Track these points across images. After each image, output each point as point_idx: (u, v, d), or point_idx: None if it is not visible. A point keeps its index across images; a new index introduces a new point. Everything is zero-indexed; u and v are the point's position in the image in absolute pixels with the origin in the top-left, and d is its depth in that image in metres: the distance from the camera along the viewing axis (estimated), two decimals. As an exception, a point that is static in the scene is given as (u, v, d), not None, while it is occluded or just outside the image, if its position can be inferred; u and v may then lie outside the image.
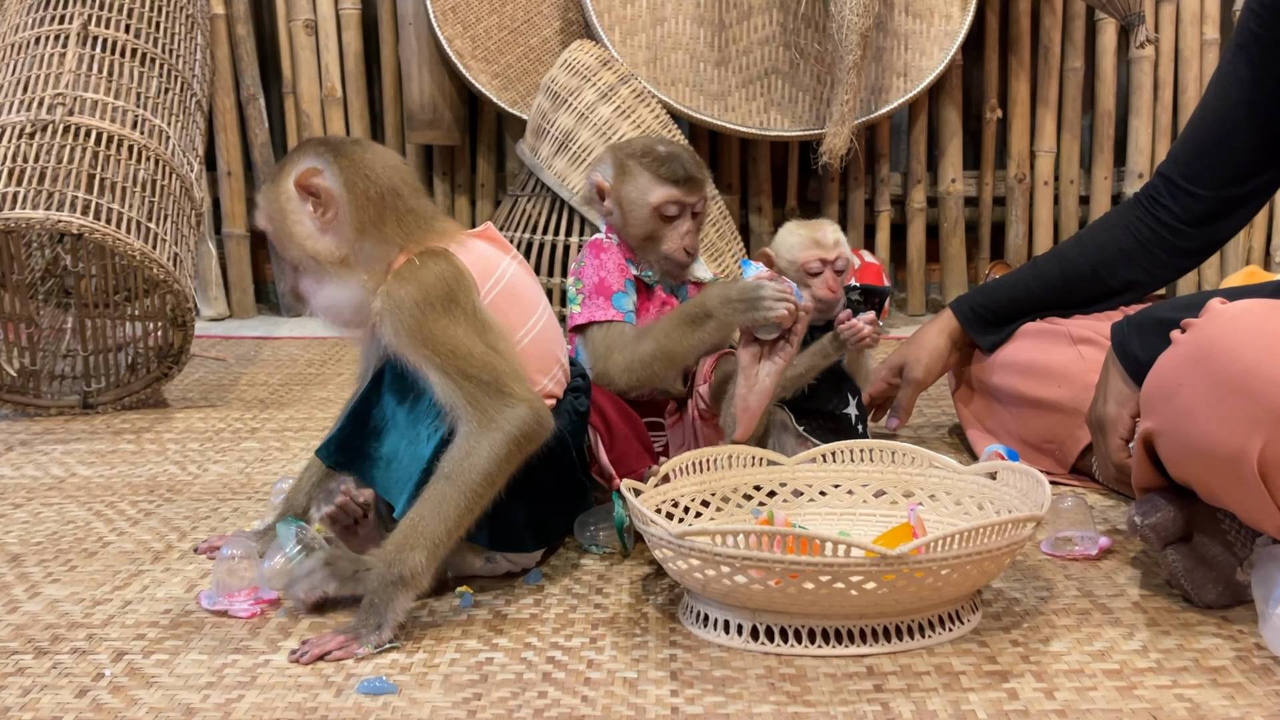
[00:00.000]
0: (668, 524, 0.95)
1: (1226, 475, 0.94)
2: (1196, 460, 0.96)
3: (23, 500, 1.42)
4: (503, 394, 1.02)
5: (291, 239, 1.07)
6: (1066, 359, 1.45)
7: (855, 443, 1.19)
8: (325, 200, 1.06)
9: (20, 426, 1.78)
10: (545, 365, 1.12)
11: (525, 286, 1.13)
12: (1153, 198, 1.48)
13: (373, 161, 1.08)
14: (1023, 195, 2.73)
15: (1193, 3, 2.64)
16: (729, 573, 0.90)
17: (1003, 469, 1.12)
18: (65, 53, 1.90)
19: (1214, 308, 0.97)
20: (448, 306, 1.03)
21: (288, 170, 1.08)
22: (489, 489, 1.01)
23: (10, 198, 1.67)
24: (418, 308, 1.02)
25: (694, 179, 1.31)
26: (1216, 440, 0.92)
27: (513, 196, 2.34)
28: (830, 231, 1.38)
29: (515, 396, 1.02)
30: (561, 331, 1.18)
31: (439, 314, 1.02)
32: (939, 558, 0.91)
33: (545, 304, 1.15)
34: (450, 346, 1.01)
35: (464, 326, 1.03)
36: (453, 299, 1.03)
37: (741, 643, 0.95)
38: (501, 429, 1.01)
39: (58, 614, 1.07)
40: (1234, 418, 0.91)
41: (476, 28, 2.57)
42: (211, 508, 1.38)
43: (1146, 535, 1.05)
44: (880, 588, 0.90)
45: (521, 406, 1.02)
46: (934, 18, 2.53)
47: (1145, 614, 1.04)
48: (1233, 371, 0.91)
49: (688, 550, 0.91)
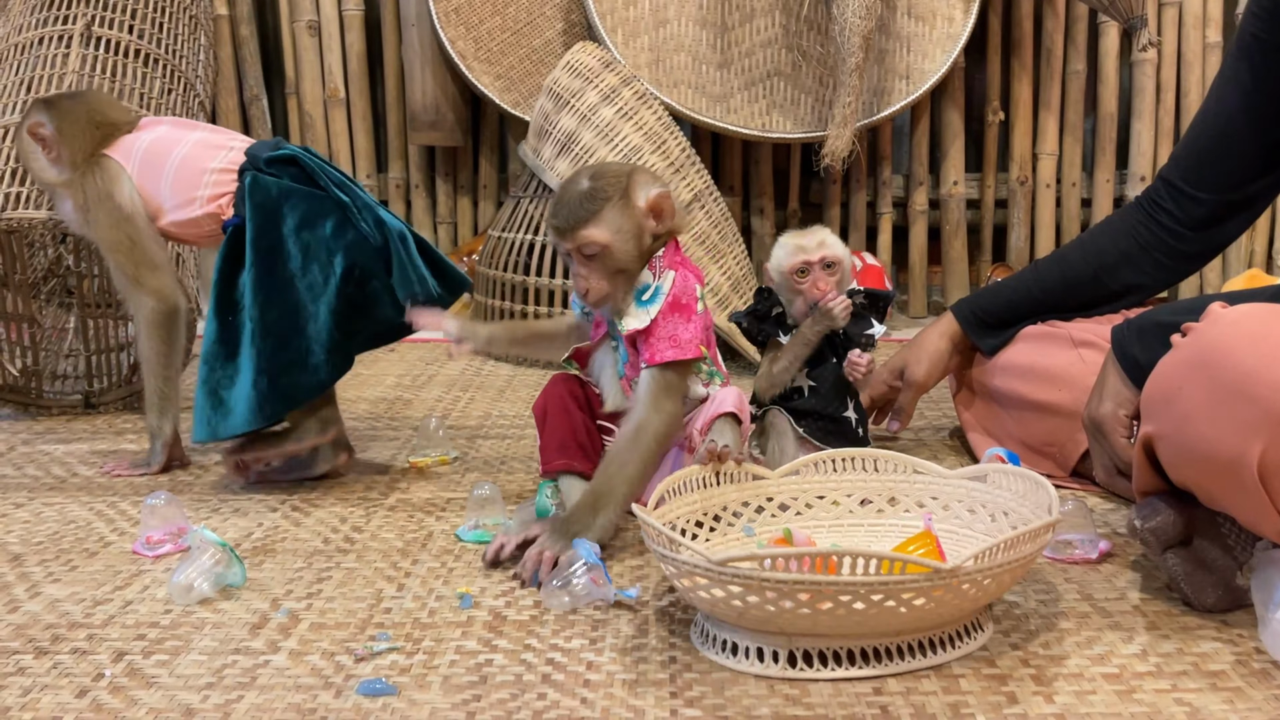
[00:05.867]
0: (702, 549, 0.91)
1: (1226, 479, 0.94)
2: (1196, 464, 0.96)
3: (24, 500, 1.42)
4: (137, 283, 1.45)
5: (33, 174, 1.53)
6: (1067, 362, 1.45)
7: (837, 452, 1.18)
8: (50, 143, 1.46)
9: (22, 426, 1.78)
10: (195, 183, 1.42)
11: (164, 138, 1.45)
12: (1154, 201, 1.48)
13: (76, 108, 1.46)
14: (1025, 198, 2.72)
15: (1195, 6, 2.64)
16: (775, 598, 0.87)
17: (992, 471, 1.12)
18: (69, 53, 1.90)
19: (1214, 312, 0.97)
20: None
21: (24, 125, 1.48)
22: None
23: (14, 198, 1.68)
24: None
25: (558, 228, 1.21)
26: (1216, 445, 0.92)
27: (515, 198, 2.34)
28: (815, 234, 1.37)
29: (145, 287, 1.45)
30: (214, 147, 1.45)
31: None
32: (986, 568, 0.90)
33: (191, 136, 1.46)
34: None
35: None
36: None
37: (763, 669, 0.92)
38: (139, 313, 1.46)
39: (58, 614, 1.08)
40: (1234, 422, 0.91)
41: (479, 29, 2.57)
42: (213, 508, 1.39)
43: (1146, 539, 1.05)
44: (929, 602, 0.89)
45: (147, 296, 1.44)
46: (936, 20, 2.53)
47: (1145, 618, 1.04)
48: (1232, 376, 0.91)
49: (730, 577, 0.87)
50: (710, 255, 2.21)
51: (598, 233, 1.20)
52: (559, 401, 1.28)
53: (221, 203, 1.41)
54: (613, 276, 1.22)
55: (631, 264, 1.23)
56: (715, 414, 1.23)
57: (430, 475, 1.51)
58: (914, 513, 1.14)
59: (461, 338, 1.30)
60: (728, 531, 1.11)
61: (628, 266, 1.22)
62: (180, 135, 1.44)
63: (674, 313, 1.23)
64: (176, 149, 1.41)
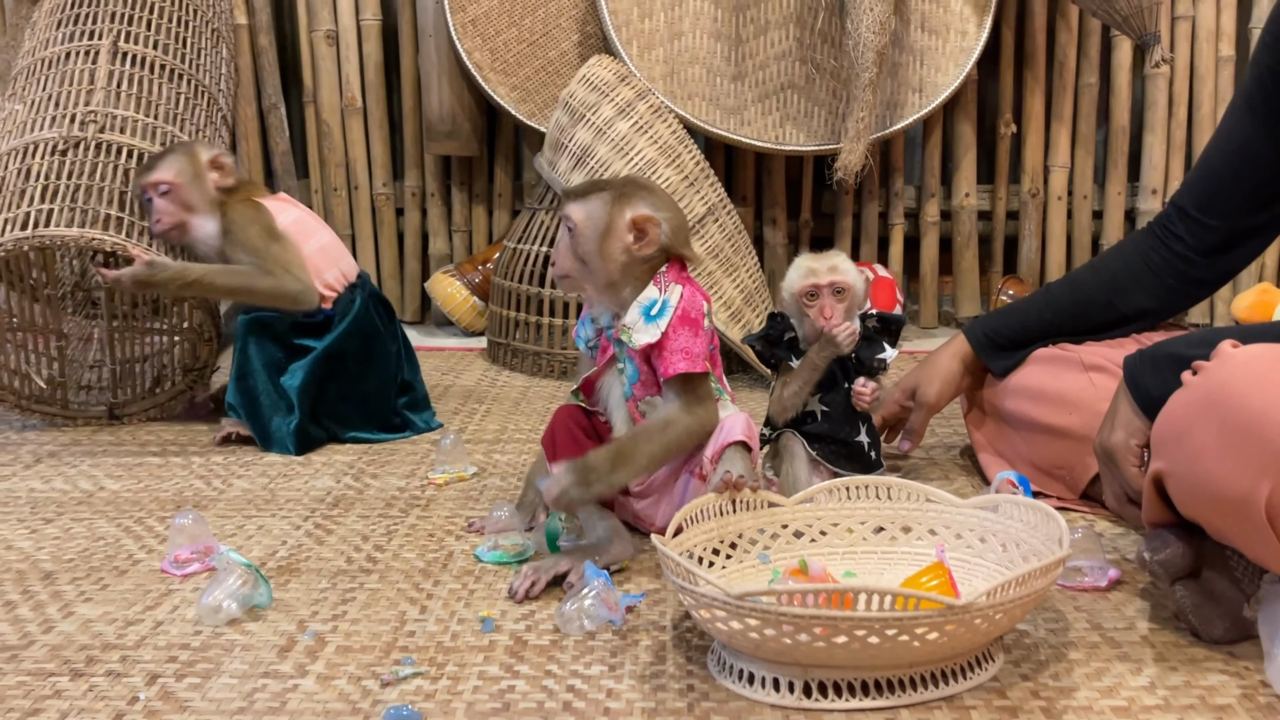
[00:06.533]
0: (721, 582, 0.93)
1: (1234, 517, 0.96)
2: (1205, 502, 0.98)
3: (53, 515, 1.45)
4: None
5: (185, 191, 1.78)
6: (1078, 386, 1.47)
7: (851, 480, 1.20)
8: (227, 173, 1.80)
9: (48, 437, 1.81)
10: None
11: (304, 223, 1.82)
12: (1166, 227, 1.50)
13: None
14: (1036, 210, 2.74)
15: (1208, 20, 2.65)
16: (791, 631, 0.89)
17: (1004, 502, 1.14)
18: (95, 69, 1.93)
19: (1225, 351, 0.99)
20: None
21: (201, 151, 1.81)
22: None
23: (45, 215, 1.71)
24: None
25: (564, 193, 1.33)
26: (1225, 484, 0.94)
27: (530, 209, 2.36)
28: (828, 259, 1.39)
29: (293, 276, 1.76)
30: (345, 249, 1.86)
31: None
32: (998, 603, 0.92)
33: (325, 235, 1.84)
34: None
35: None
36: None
37: (779, 698, 0.94)
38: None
39: (91, 634, 1.11)
40: (1242, 462, 0.93)
41: (496, 40, 2.59)
42: (238, 525, 1.42)
43: (1155, 571, 1.07)
44: (941, 636, 0.91)
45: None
46: (950, 34, 2.55)
47: (1153, 648, 1.06)
48: (1242, 417, 0.93)
49: (747, 611, 0.90)
50: (723, 268, 2.22)
51: (575, 210, 1.28)
52: (566, 431, 1.30)
53: (327, 295, 1.78)
54: (576, 263, 1.28)
55: (593, 260, 1.27)
56: (725, 442, 1.26)
57: (449, 492, 1.54)
58: (926, 540, 1.16)
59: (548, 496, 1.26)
60: (744, 559, 1.13)
61: (588, 260, 1.27)
62: (316, 227, 1.82)
63: (684, 326, 1.26)
64: (314, 239, 1.79)
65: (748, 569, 1.12)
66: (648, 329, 1.26)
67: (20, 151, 1.81)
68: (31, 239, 1.68)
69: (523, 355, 2.31)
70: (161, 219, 1.74)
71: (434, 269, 2.78)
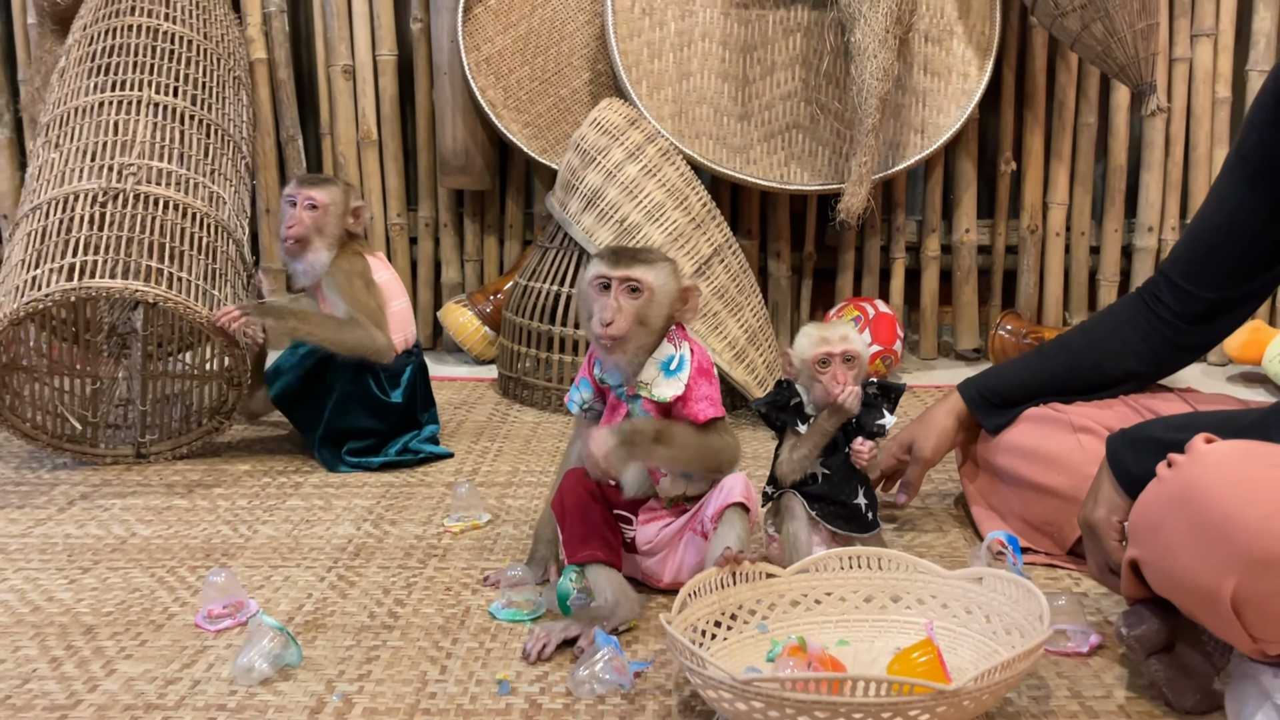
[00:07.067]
0: (730, 668, 1.00)
1: (1203, 605, 1.03)
2: (1176, 589, 1.06)
3: (89, 564, 1.53)
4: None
5: (318, 230, 1.92)
6: (1067, 447, 1.53)
7: (844, 551, 1.27)
8: (360, 221, 1.97)
9: (79, 477, 1.89)
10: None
11: (391, 285, 1.98)
12: (1154, 294, 1.57)
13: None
14: (1034, 245, 2.80)
15: (1205, 62, 2.71)
16: (793, 714, 0.96)
17: (988, 575, 1.21)
18: (130, 120, 2.00)
19: (1198, 448, 1.05)
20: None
21: (343, 199, 1.96)
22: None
23: (90, 266, 1.78)
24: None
25: (614, 258, 1.35)
26: (1194, 577, 1.01)
27: (541, 248, 2.43)
28: (838, 329, 1.47)
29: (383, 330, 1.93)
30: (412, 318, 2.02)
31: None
32: (984, 686, 0.99)
33: (404, 299, 2.00)
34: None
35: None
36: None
37: None
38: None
39: (134, 694, 1.18)
40: (1211, 559, 0.99)
41: (509, 79, 2.66)
42: (264, 575, 1.49)
43: (1132, 645, 1.15)
44: (932, 718, 0.98)
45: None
46: (952, 76, 2.61)
47: (1127, 717, 1.13)
48: (1210, 517, 1.00)
49: (753, 694, 0.97)
50: (728, 308, 2.29)
51: (649, 274, 1.35)
52: (575, 497, 1.38)
53: (398, 349, 1.95)
54: (636, 325, 1.34)
55: (653, 322, 1.35)
56: (726, 504, 1.33)
57: (465, 540, 1.61)
58: (915, 609, 1.24)
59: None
60: (743, 630, 1.20)
61: (649, 323, 1.35)
62: (399, 292, 1.99)
63: (702, 377, 1.37)
64: (395, 302, 1.96)
65: (748, 639, 1.19)
66: (670, 383, 1.36)
67: (61, 202, 1.88)
68: (78, 290, 1.75)
69: (533, 389, 2.38)
70: (295, 227, 1.87)
71: (446, 297, 2.85)
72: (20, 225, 1.93)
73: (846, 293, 2.82)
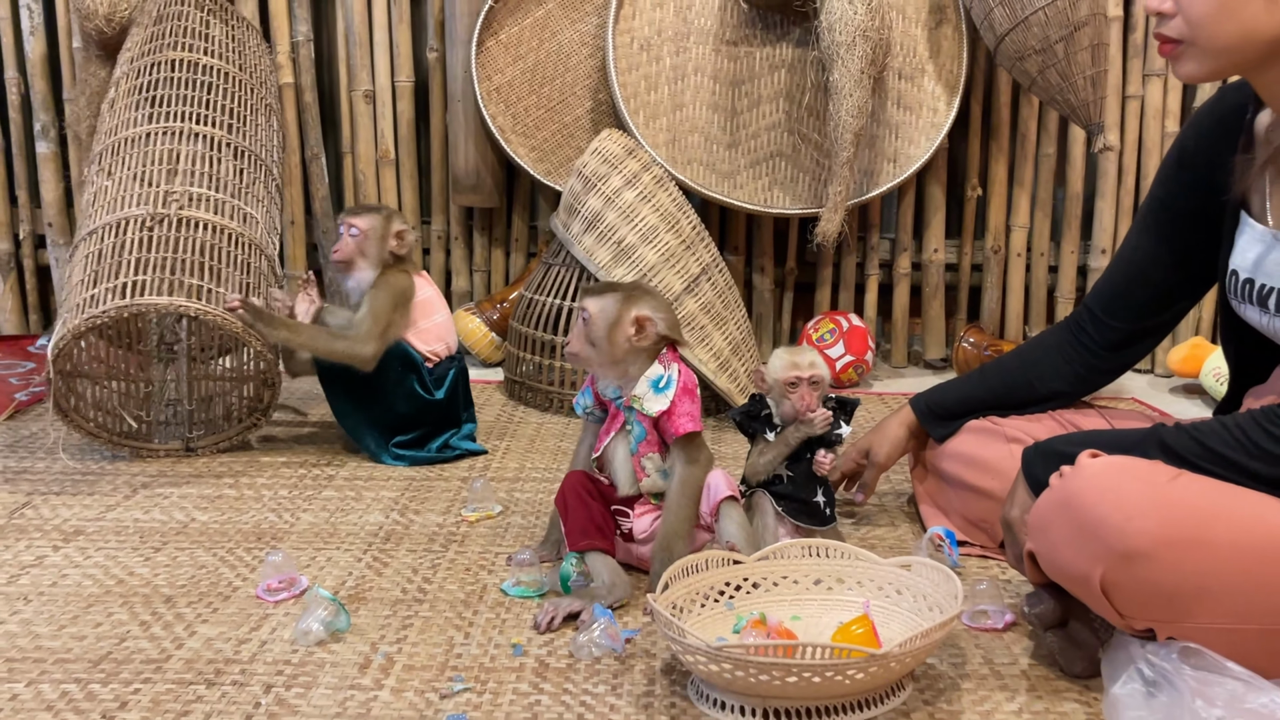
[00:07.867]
0: (704, 637, 1.25)
1: (1081, 589, 1.28)
2: (1062, 576, 1.31)
3: (159, 544, 1.78)
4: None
5: (364, 249, 2.17)
6: (1000, 455, 1.78)
7: (799, 542, 1.53)
8: (405, 245, 2.19)
9: (137, 468, 2.14)
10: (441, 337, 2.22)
11: (433, 301, 2.21)
12: (1078, 324, 1.81)
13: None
14: (998, 264, 3.05)
15: (1155, 99, 2.96)
16: (755, 673, 1.21)
17: (916, 563, 1.47)
18: (174, 149, 2.24)
19: (1082, 462, 1.30)
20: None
21: (392, 227, 2.19)
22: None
23: (140, 285, 2.02)
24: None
25: (582, 290, 1.69)
26: (1073, 566, 1.27)
27: (546, 264, 2.67)
28: (806, 355, 1.72)
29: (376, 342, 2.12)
30: (454, 328, 2.27)
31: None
32: (909, 651, 1.24)
33: (444, 312, 2.24)
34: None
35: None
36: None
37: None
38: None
39: (214, 651, 1.43)
40: (1085, 552, 1.25)
41: (517, 106, 2.90)
42: (310, 556, 1.74)
43: (1032, 621, 1.40)
44: (866, 676, 1.23)
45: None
46: (923, 110, 2.86)
47: (1028, 681, 1.39)
48: (1085, 519, 1.25)
49: (723, 658, 1.21)
50: (714, 322, 2.54)
51: (592, 304, 1.62)
52: (576, 493, 1.63)
53: (431, 358, 2.19)
54: (588, 346, 1.62)
55: (604, 346, 1.61)
56: (719, 499, 1.59)
57: (480, 529, 1.86)
58: (855, 591, 1.49)
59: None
60: (713, 607, 1.46)
61: (601, 346, 1.61)
62: (439, 306, 2.22)
63: (685, 395, 1.61)
64: (436, 315, 2.20)
65: (717, 615, 1.45)
66: (658, 399, 1.60)
67: (114, 226, 2.12)
68: (130, 306, 1.99)
69: (536, 392, 2.63)
70: (339, 251, 2.13)
71: (456, 305, 3.09)
72: (79, 247, 2.17)
73: (825, 305, 3.07)
